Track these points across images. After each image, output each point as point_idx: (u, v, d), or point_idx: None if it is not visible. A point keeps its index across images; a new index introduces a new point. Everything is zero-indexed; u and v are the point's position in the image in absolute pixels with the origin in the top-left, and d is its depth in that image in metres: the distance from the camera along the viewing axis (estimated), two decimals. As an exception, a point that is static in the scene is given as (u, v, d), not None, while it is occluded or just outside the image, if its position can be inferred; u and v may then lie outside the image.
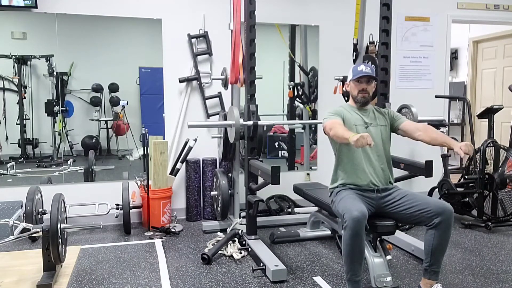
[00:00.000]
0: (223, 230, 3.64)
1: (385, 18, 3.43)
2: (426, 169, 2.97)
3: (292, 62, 4.68)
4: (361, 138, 2.18)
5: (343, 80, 3.87)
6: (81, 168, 4.20)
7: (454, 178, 4.30)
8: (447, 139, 2.57)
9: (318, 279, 2.78)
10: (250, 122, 3.16)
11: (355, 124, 2.63)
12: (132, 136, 4.43)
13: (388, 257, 2.52)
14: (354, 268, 2.33)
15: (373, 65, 2.50)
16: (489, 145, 3.88)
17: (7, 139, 4.10)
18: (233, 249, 3.19)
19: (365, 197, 2.55)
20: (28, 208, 3.31)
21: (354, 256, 2.31)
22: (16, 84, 4.13)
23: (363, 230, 2.29)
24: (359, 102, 2.67)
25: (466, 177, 4.09)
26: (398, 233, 3.35)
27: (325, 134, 2.61)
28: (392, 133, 2.76)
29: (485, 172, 3.84)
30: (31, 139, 4.20)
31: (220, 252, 3.19)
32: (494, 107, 3.97)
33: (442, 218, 2.37)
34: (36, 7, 3.73)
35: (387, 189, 2.62)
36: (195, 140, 4.02)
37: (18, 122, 4.14)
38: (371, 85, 2.65)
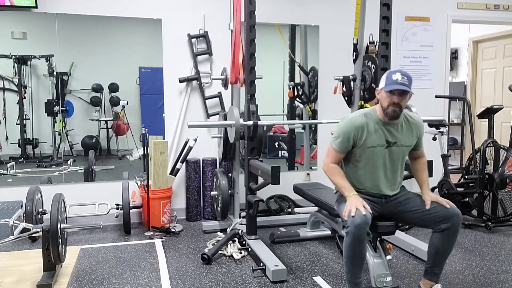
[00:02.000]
0: (223, 230, 3.64)
1: (385, 18, 3.43)
2: (430, 171, 2.96)
3: (292, 62, 4.68)
4: (355, 208, 2.21)
5: (343, 80, 3.87)
6: (81, 168, 4.20)
7: (454, 178, 4.30)
8: (425, 184, 2.54)
9: (318, 279, 2.78)
10: (250, 122, 3.16)
11: (372, 146, 2.38)
12: (132, 136, 4.43)
13: (388, 257, 2.52)
14: (355, 271, 2.32)
15: (408, 77, 2.29)
16: (489, 145, 3.88)
17: (7, 139, 4.10)
18: (233, 249, 3.19)
19: (371, 202, 2.43)
20: (28, 208, 3.31)
21: (355, 260, 2.29)
22: (16, 84, 4.13)
23: (365, 236, 2.27)
24: (388, 115, 2.34)
25: (466, 177, 4.09)
26: (398, 233, 3.35)
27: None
28: None
29: (485, 172, 3.84)
30: (31, 139, 4.20)
31: (220, 252, 3.19)
32: (494, 107, 3.97)
33: (450, 223, 2.31)
34: (36, 7, 3.73)
35: (395, 194, 2.52)
36: (195, 140, 4.02)
37: (18, 122, 4.14)
38: (405, 99, 2.31)
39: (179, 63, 4.15)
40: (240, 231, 3.33)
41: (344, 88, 3.90)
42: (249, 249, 3.19)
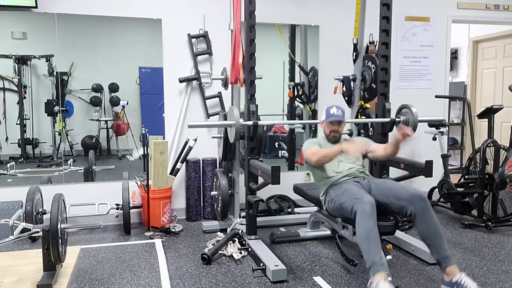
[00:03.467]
0: (223, 230, 3.64)
1: (385, 18, 3.43)
2: (426, 169, 2.97)
3: (292, 62, 4.68)
4: (349, 145, 2.61)
5: (343, 80, 3.88)
6: (81, 168, 4.19)
7: (454, 178, 4.30)
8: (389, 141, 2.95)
9: (318, 279, 2.78)
10: (250, 122, 3.16)
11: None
12: (132, 136, 4.43)
13: (388, 257, 2.52)
14: (375, 249, 2.32)
15: (341, 110, 2.99)
16: (489, 145, 3.88)
17: (7, 139, 4.09)
18: (233, 249, 3.19)
19: (356, 182, 2.80)
20: (28, 208, 3.31)
21: (371, 238, 2.33)
22: (16, 84, 4.13)
23: (375, 212, 2.38)
24: (330, 141, 3.02)
25: (466, 177, 4.09)
26: (398, 233, 3.35)
27: (307, 162, 2.90)
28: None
29: (485, 172, 3.84)
30: (31, 139, 4.20)
31: (220, 252, 3.19)
32: (494, 107, 3.97)
33: (413, 209, 2.48)
34: (36, 7, 3.73)
35: (368, 176, 2.95)
36: (195, 140, 4.02)
37: (18, 122, 4.14)
38: (341, 126, 3.03)
39: (179, 63, 4.15)
40: (240, 231, 3.33)
41: (344, 88, 3.90)
42: (249, 249, 3.19)
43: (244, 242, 3.27)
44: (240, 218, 3.61)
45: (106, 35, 4.24)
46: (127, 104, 4.40)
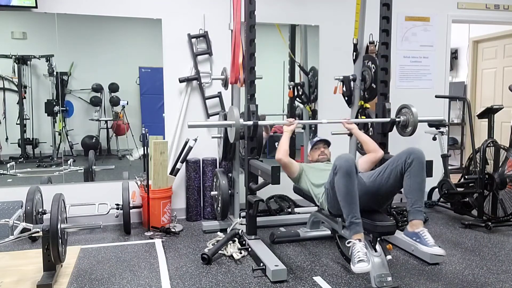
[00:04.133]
0: (223, 230, 3.64)
1: (385, 18, 3.43)
2: (426, 169, 2.96)
3: (292, 62, 4.68)
4: (289, 124, 3.08)
5: (343, 80, 3.88)
6: (81, 168, 4.19)
7: (454, 178, 4.30)
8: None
9: (318, 279, 2.78)
10: (250, 122, 3.16)
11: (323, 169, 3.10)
12: (132, 136, 4.43)
13: (388, 257, 2.53)
14: (352, 209, 2.47)
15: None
16: (489, 145, 3.88)
17: (7, 139, 4.09)
18: (233, 249, 3.19)
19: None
20: (28, 208, 3.31)
21: (350, 196, 2.46)
22: (16, 84, 4.13)
23: (354, 171, 2.48)
24: (320, 162, 3.26)
25: (466, 177, 4.09)
26: (398, 233, 3.35)
27: (284, 168, 3.02)
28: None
29: (485, 172, 3.84)
30: (31, 139, 4.19)
31: (220, 252, 3.19)
32: (494, 107, 3.97)
33: (414, 156, 2.59)
34: (36, 7, 3.73)
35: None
36: (195, 140, 4.02)
37: (18, 122, 4.14)
38: (327, 148, 3.34)
39: (179, 63, 4.15)
40: (240, 231, 3.33)
41: (344, 88, 3.90)
42: (249, 249, 3.19)
43: (244, 242, 3.27)
44: (240, 218, 3.61)
45: (106, 35, 4.24)
46: (127, 104, 4.40)
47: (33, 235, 2.66)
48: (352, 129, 3.37)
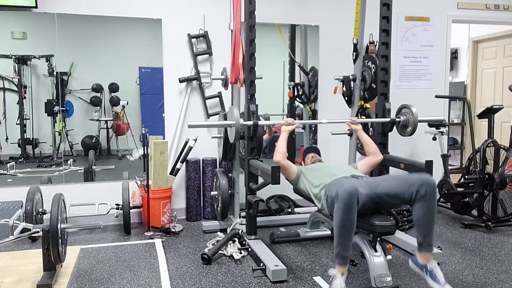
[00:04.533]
0: (223, 230, 3.64)
1: (385, 18, 3.43)
2: (426, 169, 2.97)
3: (292, 62, 4.68)
4: (288, 124, 3.12)
5: (343, 80, 3.88)
6: (81, 168, 4.19)
7: (454, 178, 4.30)
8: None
9: (318, 279, 2.78)
10: (250, 122, 3.16)
11: (318, 168, 3.09)
12: (132, 136, 4.43)
13: (388, 257, 2.52)
14: (345, 242, 2.37)
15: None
16: (489, 145, 3.88)
17: (7, 139, 4.09)
18: (233, 249, 3.19)
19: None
20: (28, 208, 3.31)
21: (345, 230, 2.34)
22: (16, 84, 4.13)
23: (355, 202, 2.33)
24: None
25: (466, 177, 4.09)
26: (398, 233, 3.36)
27: (281, 171, 2.86)
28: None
29: (485, 172, 3.84)
30: (31, 139, 4.19)
31: (220, 252, 3.19)
32: (494, 107, 3.97)
33: (427, 188, 2.40)
34: (36, 7, 3.73)
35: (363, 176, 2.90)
36: (195, 140, 4.02)
37: (18, 122, 4.14)
38: (318, 156, 3.44)
39: (179, 63, 4.15)
40: (240, 231, 3.33)
41: (344, 88, 3.90)
42: (249, 249, 3.19)
43: (244, 242, 3.27)
44: (240, 218, 3.61)
45: (106, 35, 4.24)
46: (127, 104, 4.40)
47: (33, 235, 2.66)
48: (357, 130, 3.31)
